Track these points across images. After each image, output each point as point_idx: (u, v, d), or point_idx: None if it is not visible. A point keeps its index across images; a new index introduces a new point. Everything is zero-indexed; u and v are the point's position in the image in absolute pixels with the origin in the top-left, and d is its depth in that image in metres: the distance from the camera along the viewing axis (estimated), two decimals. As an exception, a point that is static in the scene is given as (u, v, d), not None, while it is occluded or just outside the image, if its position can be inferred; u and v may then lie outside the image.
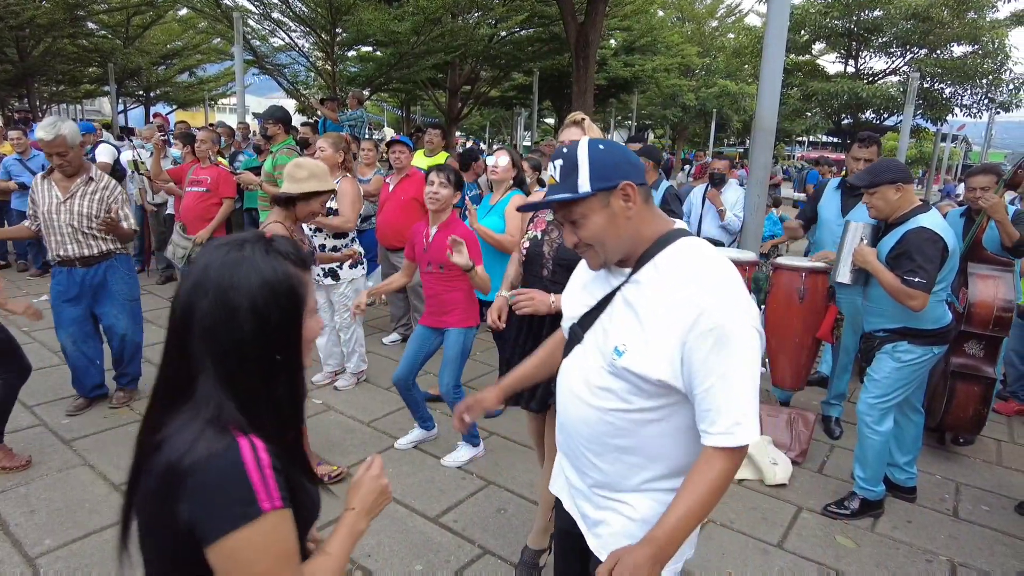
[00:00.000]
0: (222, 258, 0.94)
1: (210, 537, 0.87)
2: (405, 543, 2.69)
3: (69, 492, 2.93)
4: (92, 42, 19.56)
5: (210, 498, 0.87)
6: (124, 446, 3.37)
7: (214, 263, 0.94)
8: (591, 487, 1.45)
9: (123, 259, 3.73)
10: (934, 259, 2.65)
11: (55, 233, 3.47)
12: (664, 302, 1.25)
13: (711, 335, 1.20)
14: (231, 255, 0.94)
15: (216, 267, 0.93)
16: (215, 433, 0.89)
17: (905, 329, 2.84)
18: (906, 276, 2.66)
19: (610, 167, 1.26)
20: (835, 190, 4.07)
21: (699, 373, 1.21)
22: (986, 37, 17.90)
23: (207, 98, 27.03)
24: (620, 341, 1.29)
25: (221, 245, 0.96)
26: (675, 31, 24.57)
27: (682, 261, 1.28)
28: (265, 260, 0.95)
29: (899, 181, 2.79)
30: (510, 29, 15.86)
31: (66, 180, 3.48)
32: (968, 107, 19.38)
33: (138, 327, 3.84)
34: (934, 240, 2.67)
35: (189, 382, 0.93)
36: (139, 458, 0.97)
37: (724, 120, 30.31)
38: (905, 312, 2.78)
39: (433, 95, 19.53)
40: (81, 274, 3.55)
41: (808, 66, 21.98)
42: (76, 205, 3.46)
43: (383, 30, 12.13)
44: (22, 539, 2.59)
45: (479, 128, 35.69)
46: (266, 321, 0.94)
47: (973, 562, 2.75)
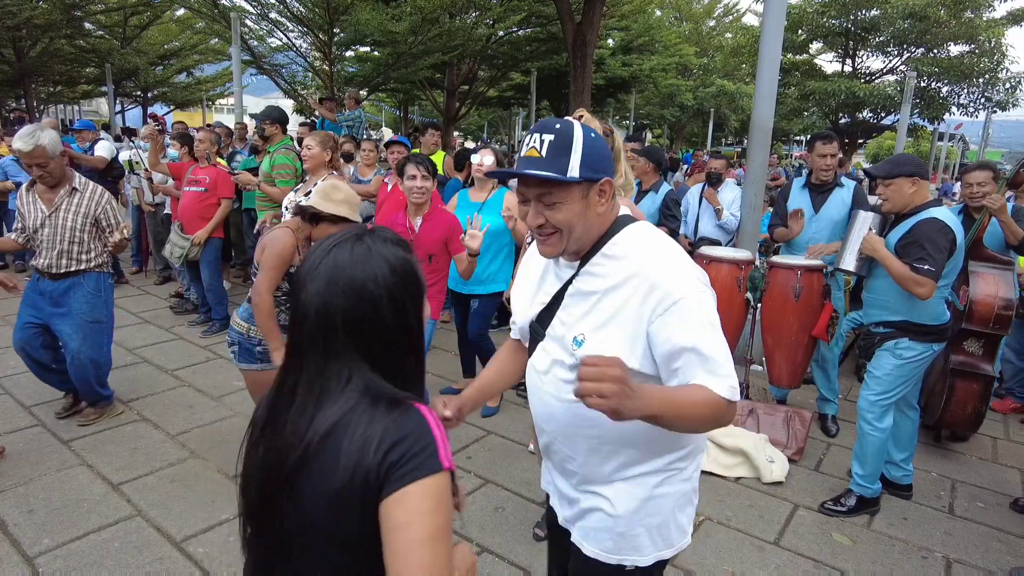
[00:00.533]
0: (349, 254, 0.97)
1: (396, 485, 0.89)
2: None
3: (67, 492, 2.93)
4: (89, 42, 19.54)
5: (403, 451, 0.90)
6: (122, 446, 3.38)
7: (343, 260, 0.96)
8: (570, 481, 1.46)
9: (92, 277, 3.48)
10: (944, 249, 2.67)
11: (43, 248, 3.36)
12: (616, 286, 1.27)
13: (671, 310, 1.21)
14: (358, 249, 0.98)
15: (347, 263, 0.96)
16: (389, 406, 0.94)
17: (906, 323, 2.85)
18: (915, 263, 2.67)
19: (600, 159, 1.26)
20: (802, 188, 4.10)
21: (671, 350, 1.22)
22: (983, 36, 17.92)
23: (205, 98, 27.02)
24: (578, 331, 1.30)
25: (341, 243, 0.99)
26: (672, 31, 24.60)
27: (627, 245, 1.31)
28: (388, 249, 1.00)
29: (916, 175, 2.82)
30: (508, 29, 15.86)
31: (49, 192, 3.35)
32: (965, 106, 19.40)
33: (95, 350, 3.50)
34: (944, 231, 2.70)
35: (337, 374, 0.95)
36: (287, 463, 0.94)
37: (722, 119, 30.35)
38: (907, 304, 2.80)
39: (431, 95, 19.53)
40: (47, 286, 3.41)
41: (805, 65, 21.99)
42: (60, 219, 3.34)
43: (381, 30, 12.13)
44: (20, 538, 2.59)
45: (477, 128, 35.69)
46: (402, 306, 0.98)
47: (969, 559, 2.77)
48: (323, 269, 0.96)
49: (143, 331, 5.22)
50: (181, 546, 2.60)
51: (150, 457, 3.28)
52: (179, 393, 4.09)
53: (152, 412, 3.79)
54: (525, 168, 1.24)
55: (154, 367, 4.49)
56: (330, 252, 0.98)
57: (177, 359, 4.65)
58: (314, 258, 0.98)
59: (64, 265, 3.39)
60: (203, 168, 5.13)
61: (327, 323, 0.95)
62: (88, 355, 3.47)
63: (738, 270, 3.85)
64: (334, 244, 0.99)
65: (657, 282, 1.23)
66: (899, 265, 2.72)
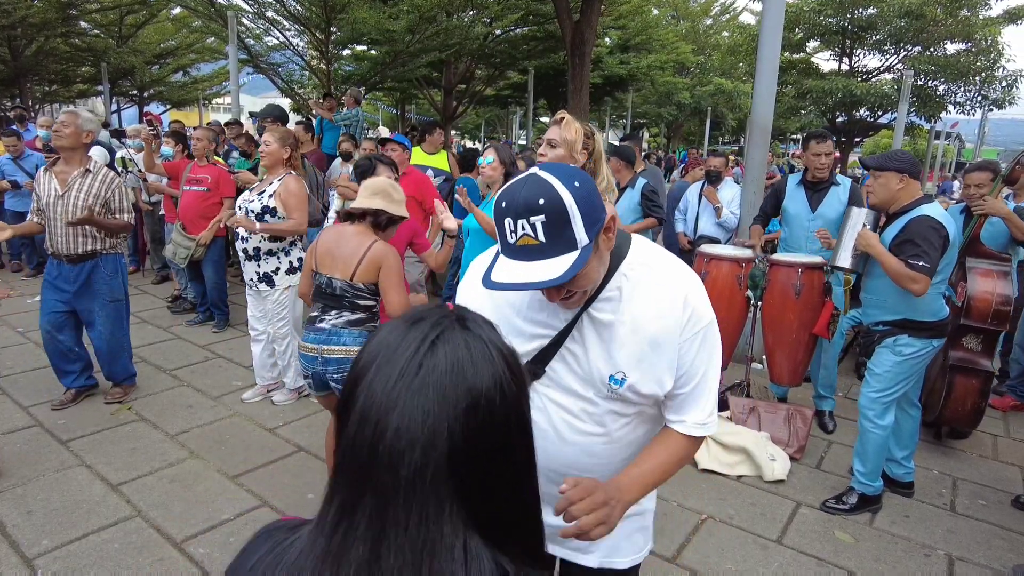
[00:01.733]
0: (466, 351, 0.64)
1: None
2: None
3: (66, 492, 2.92)
4: (85, 41, 19.43)
5: None
6: (121, 446, 3.36)
7: (458, 360, 0.63)
8: None
9: (110, 259, 3.70)
10: (937, 246, 2.68)
11: (51, 226, 3.53)
12: (650, 309, 1.18)
13: (699, 334, 1.20)
14: (477, 347, 0.65)
15: (466, 366, 0.63)
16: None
17: (905, 321, 2.85)
18: (910, 260, 2.68)
19: (595, 205, 1.06)
20: (797, 186, 4.09)
21: (687, 373, 1.21)
22: (979, 35, 17.94)
23: (201, 97, 26.90)
24: (614, 370, 1.19)
25: (437, 334, 0.64)
26: (669, 29, 24.58)
27: (647, 263, 1.21)
28: (494, 335, 0.69)
29: (905, 172, 2.82)
30: (505, 28, 15.82)
31: (64, 171, 3.52)
32: (962, 104, 19.43)
33: (118, 327, 3.79)
34: (936, 228, 2.70)
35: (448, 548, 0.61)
36: None
37: (719, 118, 30.36)
38: (905, 303, 2.80)
39: (428, 94, 19.48)
40: (67, 270, 3.58)
41: (802, 64, 22.00)
42: (73, 198, 3.50)
43: (378, 28, 12.09)
44: (19, 540, 2.57)
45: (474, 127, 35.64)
46: (522, 414, 0.68)
47: (971, 556, 2.76)
48: (425, 378, 0.62)
49: (141, 331, 5.19)
50: (181, 547, 2.59)
51: (149, 457, 3.26)
52: (178, 393, 4.07)
53: (151, 412, 3.77)
54: (527, 259, 1.04)
55: (152, 367, 4.47)
56: (422, 349, 0.63)
57: (175, 359, 4.63)
58: (393, 360, 0.63)
59: (81, 244, 3.56)
60: (203, 167, 5.09)
61: (433, 463, 0.60)
62: (114, 332, 3.75)
63: (739, 268, 3.84)
64: (425, 336, 0.64)
65: (688, 298, 1.18)
66: (894, 261, 2.72)
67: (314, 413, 3.86)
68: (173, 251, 5.09)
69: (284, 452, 3.38)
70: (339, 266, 2.47)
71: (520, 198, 1.03)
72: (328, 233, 2.58)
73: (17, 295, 6.09)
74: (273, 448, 3.42)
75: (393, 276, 2.46)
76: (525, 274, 1.04)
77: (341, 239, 2.51)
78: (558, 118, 2.39)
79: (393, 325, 0.67)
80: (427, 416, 0.60)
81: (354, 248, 2.47)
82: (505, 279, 1.05)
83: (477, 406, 0.62)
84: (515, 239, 1.05)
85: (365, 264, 2.44)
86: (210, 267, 5.19)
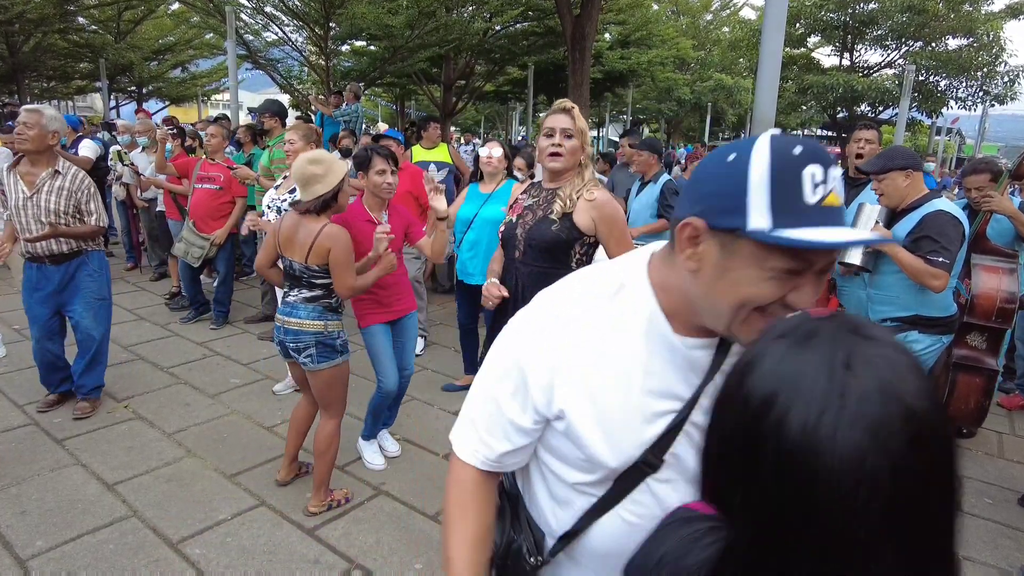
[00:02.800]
0: (889, 373, 0.53)
1: None
2: (404, 541, 2.65)
3: (61, 492, 2.88)
4: (83, 37, 19.34)
5: None
6: (117, 445, 3.32)
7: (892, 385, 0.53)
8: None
9: (94, 255, 3.59)
10: (956, 240, 2.65)
11: (23, 230, 3.35)
12: None
13: None
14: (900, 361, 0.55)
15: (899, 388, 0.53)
16: None
17: (916, 317, 2.81)
18: (930, 256, 2.64)
19: None
20: None
21: None
22: (981, 30, 17.89)
23: (200, 94, 26.82)
24: None
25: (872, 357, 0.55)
26: (670, 25, 24.48)
27: None
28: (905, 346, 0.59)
29: (909, 167, 2.79)
30: (505, 23, 15.75)
31: (31, 173, 3.35)
32: (963, 100, 19.39)
33: (100, 326, 3.65)
34: (954, 223, 2.67)
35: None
36: None
37: (719, 114, 30.29)
38: (917, 299, 2.76)
39: (427, 89, 19.41)
40: (51, 272, 3.45)
41: (803, 59, 21.95)
42: (43, 200, 3.34)
43: (377, 24, 12.04)
44: (13, 540, 2.54)
45: (473, 123, 35.54)
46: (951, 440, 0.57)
47: (977, 556, 2.73)
48: (853, 409, 0.52)
49: (138, 328, 5.16)
50: (178, 547, 2.55)
51: (146, 456, 3.23)
52: (175, 391, 4.03)
53: (147, 410, 3.73)
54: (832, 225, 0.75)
55: (149, 364, 4.43)
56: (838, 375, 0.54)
57: (173, 356, 4.59)
58: (802, 392, 0.54)
59: (63, 244, 3.43)
60: (213, 165, 5.06)
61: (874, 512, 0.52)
62: (99, 331, 3.63)
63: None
64: (832, 358, 0.55)
65: None
66: (912, 258, 2.68)
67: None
68: (185, 249, 5.05)
69: (282, 451, 3.34)
70: (296, 249, 2.63)
71: (814, 145, 0.76)
72: (288, 218, 2.70)
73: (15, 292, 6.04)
74: (271, 446, 3.38)
75: (340, 257, 2.57)
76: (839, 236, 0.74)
77: (299, 224, 2.65)
78: (567, 107, 2.34)
79: (780, 351, 0.57)
80: (864, 455, 0.51)
81: (308, 232, 2.61)
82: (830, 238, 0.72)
83: (920, 435, 0.52)
84: (820, 196, 0.74)
85: (316, 247, 2.59)
86: (222, 264, 5.24)
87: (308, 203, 2.61)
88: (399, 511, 2.86)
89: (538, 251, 2.39)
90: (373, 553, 2.57)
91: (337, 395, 2.76)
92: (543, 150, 2.35)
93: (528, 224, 2.42)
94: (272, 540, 2.62)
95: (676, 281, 0.85)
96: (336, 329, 2.71)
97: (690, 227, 0.80)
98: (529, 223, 2.42)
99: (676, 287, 0.86)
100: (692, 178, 0.85)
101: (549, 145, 2.32)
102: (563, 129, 2.31)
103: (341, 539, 2.65)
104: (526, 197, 2.53)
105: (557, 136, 2.31)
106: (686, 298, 0.84)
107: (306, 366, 2.68)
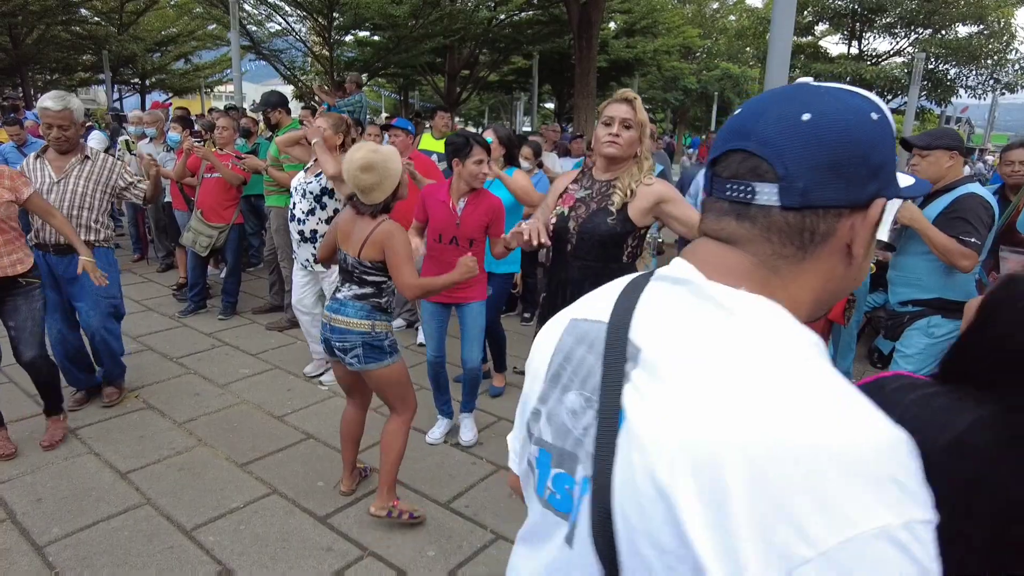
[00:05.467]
0: None
1: None
2: (417, 528, 2.66)
3: (75, 480, 2.90)
4: (86, 29, 19.35)
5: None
6: (129, 434, 3.34)
7: None
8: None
9: (102, 252, 3.52)
10: (987, 223, 2.64)
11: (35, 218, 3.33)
12: None
13: None
14: None
15: None
16: None
17: (939, 300, 2.80)
18: (962, 236, 2.62)
19: None
20: None
21: None
22: (992, 16, 17.69)
23: (203, 85, 26.78)
24: None
25: None
26: (676, 12, 24.29)
27: None
28: None
29: (955, 149, 2.77)
30: (510, 12, 15.65)
31: (60, 159, 3.38)
32: (973, 88, 19.20)
33: (112, 320, 3.64)
34: (986, 206, 2.67)
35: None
36: None
37: (726, 103, 30.10)
38: (941, 281, 2.76)
39: (432, 80, 19.35)
40: (54, 262, 3.40)
41: (810, 48, 21.75)
42: (71, 185, 3.37)
43: (381, 13, 11.98)
44: (29, 528, 2.56)
45: (478, 113, 35.41)
46: None
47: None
48: None
49: (147, 319, 5.17)
50: (191, 535, 2.56)
51: (157, 445, 3.24)
52: (185, 381, 4.05)
53: (158, 400, 3.75)
54: None
55: (159, 355, 4.45)
56: None
57: (182, 347, 4.61)
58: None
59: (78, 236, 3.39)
60: (222, 155, 5.06)
61: None
62: (109, 327, 3.61)
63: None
64: None
65: None
66: (943, 237, 2.66)
67: (321, 401, 3.83)
68: (193, 239, 5.06)
69: (293, 440, 3.36)
70: (351, 244, 2.56)
71: None
72: (347, 212, 2.64)
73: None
74: (281, 436, 3.39)
75: (399, 254, 2.48)
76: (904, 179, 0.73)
77: (357, 218, 2.58)
78: (629, 97, 2.27)
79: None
80: None
81: (364, 227, 2.54)
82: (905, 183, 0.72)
83: None
84: None
85: (370, 242, 2.51)
86: (230, 255, 5.24)
87: (368, 208, 2.51)
88: (410, 498, 2.86)
89: (591, 245, 2.29)
90: (386, 540, 2.58)
91: (395, 394, 2.64)
92: (599, 138, 2.28)
93: (581, 216, 2.32)
94: (285, 528, 2.64)
95: (815, 284, 0.69)
96: (384, 330, 2.57)
97: (877, 208, 0.67)
98: (582, 215, 2.32)
99: (811, 294, 0.70)
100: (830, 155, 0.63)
101: (606, 134, 2.25)
102: (623, 119, 2.24)
103: (353, 527, 2.66)
104: (577, 187, 2.39)
105: (615, 126, 2.24)
106: (819, 299, 0.72)
107: (352, 366, 2.58)
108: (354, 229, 2.56)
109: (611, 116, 2.26)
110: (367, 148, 2.47)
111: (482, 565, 2.48)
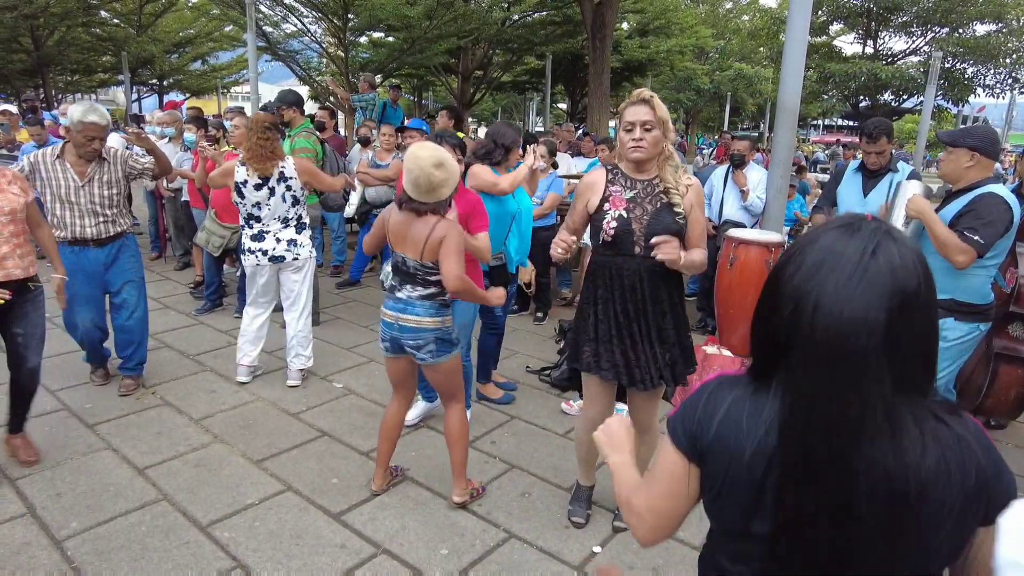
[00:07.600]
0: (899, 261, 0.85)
1: None
2: (430, 526, 2.67)
3: (94, 476, 2.94)
4: (105, 31, 19.59)
5: None
6: (146, 430, 3.38)
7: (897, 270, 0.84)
8: None
9: (131, 238, 3.79)
10: (999, 223, 2.57)
11: (74, 214, 3.47)
12: None
13: None
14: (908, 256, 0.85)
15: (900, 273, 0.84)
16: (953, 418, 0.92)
17: (951, 302, 2.75)
18: (965, 232, 2.58)
19: None
20: (855, 172, 3.96)
21: None
22: (1011, 14, 17.43)
23: (220, 86, 27.03)
24: None
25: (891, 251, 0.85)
26: (689, 12, 24.16)
27: None
28: (917, 247, 0.89)
29: (977, 150, 2.69)
30: (523, 12, 15.62)
31: (82, 165, 3.48)
32: (991, 87, 18.91)
33: (143, 302, 3.85)
34: (1004, 207, 2.60)
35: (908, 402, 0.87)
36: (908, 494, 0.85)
37: (739, 104, 29.89)
38: (953, 282, 2.71)
39: (445, 80, 19.39)
40: (94, 254, 3.58)
41: (825, 47, 21.54)
42: (96, 188, 3.50)
43: (395, 15, 11.99)
44: (49, 522, 2.59)
45: (491, 114, 35.42)
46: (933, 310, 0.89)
47: (1010, 548, 2.68)
48: (870, 279, 0.83)
49: (164, 316, 5.23)
50: (207, 530, 2.59)
51: (174, 441, 3.28)
52: (201, 378, 4.09)
53: (175, 397, 3.79)
54: None
55: (176, 352, 4.49)
56: (866, 257, 0.83)
57: (198, 344, 4.65)
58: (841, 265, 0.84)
59: (109, 230, 3.60)
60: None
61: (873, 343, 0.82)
62: (142, 308, 3.82)
63: (768, 253, 3.75)
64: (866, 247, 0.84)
65: None
66: (945, 230, 2.62)
67: (336, 399, 3.85)
68: (206, 238, 5.11)
69: (308, 437, 3.38)
70: (410, 246, 2.57)
71: None
72: (398, 214, 2.63)
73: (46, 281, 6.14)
74: (297, 433, 3.41)
75: (450, 247, 2.51)
76: None
77: (413, 219, 2.57)
78: (645, 97, 2.25)
79: (834, 235, 0.86)
80: (870, 309, 0.81)
81: (421, 229, 2.54)
82: None
83: (907, 304, 0.82)
84: None
85: (431, 244, 2.53)
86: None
87: (430, 206, 2.52)
88: (424, 497, 2.88)
89: None
90: (399, 538, 2.59)
91: (457, 383, 2.77)
92: (624, 143, 2.28)
93: (643, 218, 2.31)
94: (299, 525, 2.65)
95: None
96: (450, 324, 2.69)
97: None
98: (645, 216, 2.31)
99: None
100: None
101: (630, 139, 2.25)
102: (643, 123, 2.22)
103: (367, 524, 2.67)
104: (619, 189, 2.36)
105: (637, 131, 2.23)
106: None
107: (424, 361, 2.65)
108: (410, 231, 2.55)
109: (631, 121, 2.25)
110: (429, 146, 2.50)
111: (495, 564, 2.48)
